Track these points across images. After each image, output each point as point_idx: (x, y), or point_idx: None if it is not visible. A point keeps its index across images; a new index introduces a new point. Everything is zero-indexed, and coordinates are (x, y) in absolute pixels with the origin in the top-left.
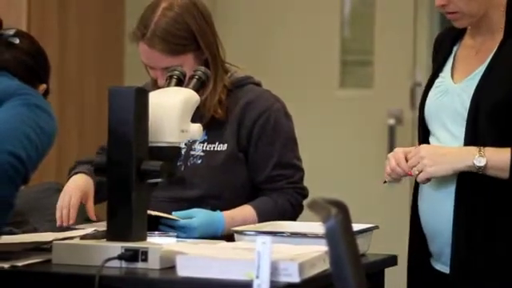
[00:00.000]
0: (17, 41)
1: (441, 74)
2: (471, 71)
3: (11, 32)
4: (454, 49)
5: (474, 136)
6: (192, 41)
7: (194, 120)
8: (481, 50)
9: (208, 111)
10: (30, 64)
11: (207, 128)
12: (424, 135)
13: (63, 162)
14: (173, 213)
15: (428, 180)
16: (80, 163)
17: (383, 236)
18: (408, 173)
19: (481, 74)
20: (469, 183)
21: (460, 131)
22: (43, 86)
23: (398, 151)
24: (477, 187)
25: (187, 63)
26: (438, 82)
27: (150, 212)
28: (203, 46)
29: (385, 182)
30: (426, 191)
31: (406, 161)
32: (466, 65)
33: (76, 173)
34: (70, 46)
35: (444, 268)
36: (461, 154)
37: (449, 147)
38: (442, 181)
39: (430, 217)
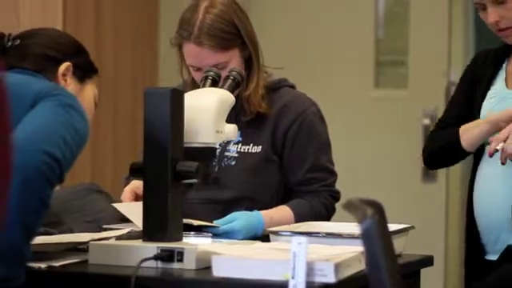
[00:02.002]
0: (17, 42)
1: (493, 87)
2: None
3: (10, 36)
4: (504, 65)
5: None
6: (237, 36)
7: (236, 117)
8: None
9: (253, 106)
10: (40, 53)
11: (246, 127)
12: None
13: (97, 164)
14: (214, 221)
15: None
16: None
17: (419, 236)
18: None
19: None
20: None
21: None
22: (66, 65)
23: None
24: None
25: (234, 59)
26: (491, 93)
27: (191, 221)
28: (247, 41)
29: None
30: (482, 179)
31: None
32: None
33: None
34: (104, 49)
35: (494, 256)
36: None
37: None
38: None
39: (486, 203)
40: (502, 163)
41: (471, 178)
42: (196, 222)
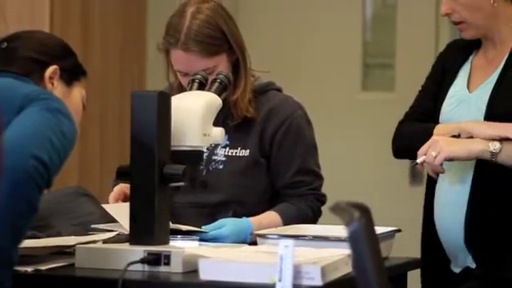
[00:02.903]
0: (4, 45)
1: (455, 83)
2: (484, 80)
3: None
4: (470, 58)
5: None
6: (224, 41)
7: (224, 121)
8: (494, 60)
9: (240, 111)
10: (27, 56)
11: (234, 131)
12: None
13: (85, 167)
14: (202, 227)
15: (443, 169)
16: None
17: (406, 239)
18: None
19: (494, 81)
20: (484, 179)
21: None
22: (53, 68)
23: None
24: (492, 182)
25: (221, 64)
26: (452, 91)
27: (179, 226)
28: (234, 46)
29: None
30: (440, 190)
31: None
32: (480, 75)
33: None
34: (92, 52)
35: (457, 269)
36: (473, 140)
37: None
38: (457, 176)
39: (444, 222)
40: (433, 176)
41: (427, 190)
42: (184, 228)
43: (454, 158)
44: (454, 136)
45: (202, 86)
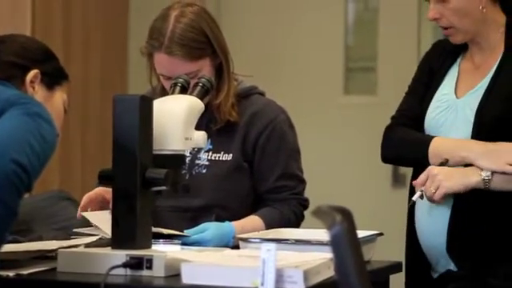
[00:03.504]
0: None
1: (443, 85)
2: (473, 86)
3: None
4: (458, 61)
5: None
6: (208, 45)
7: (207, 125)
8: (482, 65)
9: (223, 115)
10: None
11: (217, 135)
12: None
13: (66, 171)
14: (185, 231)
15: (443, 199)
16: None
17: (388, 243)
18: None
19: (483, 88)
20: (467, 195)
21: None
22: (34, 72)
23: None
24: (475, 199)
25: (205, 68)
26: (439, 95)
27: (161, 230)
28: (218, 50)
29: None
30: (423, 204)
31: None
32: (468, 80)
33: None
34: (73, 56)
35: (436, 274)
36: (468, 170)
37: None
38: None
39: (426, 229)
40: (439, 202)
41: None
42: (166, 231)
43: (453, 192)
44: (441, 163)
45: (184, 90)
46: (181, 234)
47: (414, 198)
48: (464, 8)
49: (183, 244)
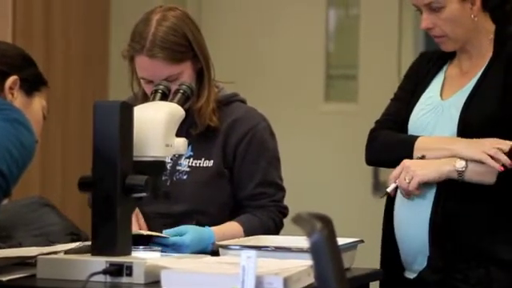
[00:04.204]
0: None
1: (428, 90)
2: (459, 88)
3: None
4: (444, 68)
5: None
6: (189, 49)
7: (188, 131)
8: (469, 71)
9: (204, 119)
10: None
11: (198, 141)
12: None
13: (46, 177)
14: (163, 231)
15: (417, 190)
16: None
17: (369, 250)
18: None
19: (469, 90)
20: (447, 190)
21: None
22: (13, 78)
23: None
24: (455, 194)
25: (186, 71)
26: (424, 98)
27: (141, 232)
28: (199, 54)
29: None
30: (402, 199)
31: None
32: (453, 84)
33: None
34: (54, 62)
35: (412, 275)
36: (443, 161)
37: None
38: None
39: (405, 224)
40: (406, 197)
41: (388, 199)
42: (145, 233)
43: (427, 181)
44: (418, 158)
45: (164, 97)
46: (160, 235)
47: (388, 190)
48: (457, 17)
49: (161, 245)
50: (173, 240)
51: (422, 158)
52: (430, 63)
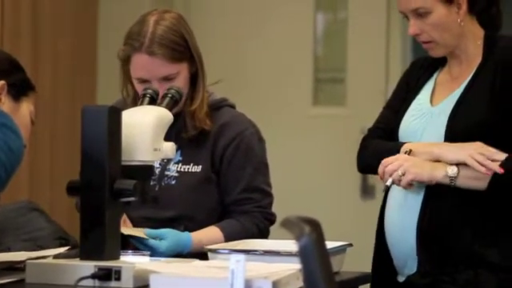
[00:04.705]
0: None
1: (418, 97)
2: (448, 94)
3: None
4: (435, 75)
5: None
6: (186, 49)
7: (177, 136)
8: (459, 77)
9: (199, 122)
10: None
11: (187, 146)
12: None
13: (35, 182)
14: (145, 229)
15: (411, 185)
16: None
17: (358, 254)
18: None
19: (457, 96)
20: (437, 193)
21: None
22: (0, 83)
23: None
24: (443, 198)
25: (182, 73)
26: (414, 105)
27: (122, 229)
28: (195, 56)
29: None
30: (393, 203)
31: None
32: (443, 90)
33: None
34: (42, 66)
35: (402, 278)
36: (436, 164)
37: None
38: (410, 190)
39: (395, 229)
40: (406, 188)
41: (383, 203)
42: (127, 231)
43: (419, 181)
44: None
45: (153, 101)
46: (139, 235)
47: (387, 183)
48: (444, 22)
49: (139, 243)
50: (150, 243)
51: (409, 153)
52: (421, 70)
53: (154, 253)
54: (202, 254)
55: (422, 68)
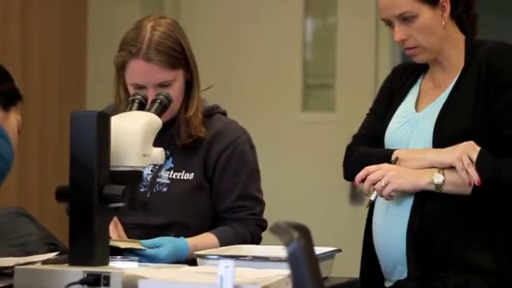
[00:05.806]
0: None
1: (404, 103)
2: (433, 100)
3: None
4: (419, 81)
5: None
6: (183, 55)
7: (170, 143)
8: (443, 83)
9: (194, 129)
10: None
11: (180, 153)
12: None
13: (24, 188)
14: (141, 241)
15: (391, 196)
16: None
17: (346, 259)
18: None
19: (442, 102)
20: (427, 198)
21: None
22: None
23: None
24: (432, 202)
25: (178, 80)
26: (399, 111)
27: (117, 243)
28: (191, 62)
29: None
30: (381, 208)
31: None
32: (428, 97)
33: None
34: (31, 71)
35: (389, 283)
36: (421, 172)
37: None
38: (398, 196)
39: (384, 233)
40: (387, 198)
41: (370, 208)
42: (123, 245)
43: (402, 191)
44: (392, 162)
45: (141, 107)
46: (137, 248)
47: (372, 198)
48: (429, 26)
49: (138, 256)
50: (148, 253)
51: (395, 161)
52: (403, 76)
53: (154, 262)
54: (191, 260)
55: (404, 74)
